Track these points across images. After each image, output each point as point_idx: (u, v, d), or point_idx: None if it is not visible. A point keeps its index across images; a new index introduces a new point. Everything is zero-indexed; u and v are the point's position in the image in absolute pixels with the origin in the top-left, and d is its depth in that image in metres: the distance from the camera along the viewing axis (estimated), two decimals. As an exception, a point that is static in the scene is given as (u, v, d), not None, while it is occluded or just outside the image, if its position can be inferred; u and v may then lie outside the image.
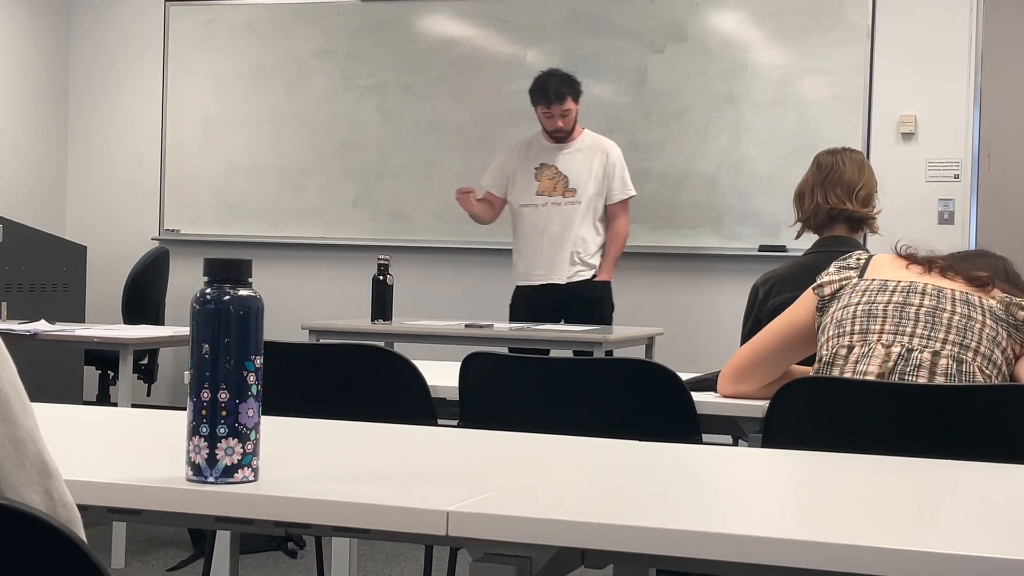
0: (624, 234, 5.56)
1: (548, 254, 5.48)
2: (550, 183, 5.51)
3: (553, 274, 5.47)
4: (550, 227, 5.48)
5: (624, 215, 5.55)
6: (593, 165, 5.50)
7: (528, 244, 5.55)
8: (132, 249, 6.92)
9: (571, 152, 5.52)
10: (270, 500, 1.36)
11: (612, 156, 5.53)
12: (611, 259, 5.52)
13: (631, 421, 2.49)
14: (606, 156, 5.52)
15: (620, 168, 5.53)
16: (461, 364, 2.58)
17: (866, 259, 2.43)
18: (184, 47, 7.27)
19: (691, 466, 1.75)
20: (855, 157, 3.29)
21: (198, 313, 1.40)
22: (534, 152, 5.57)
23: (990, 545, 1.24)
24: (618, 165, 5.52)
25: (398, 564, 4.46)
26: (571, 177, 5.49)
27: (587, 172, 5.49)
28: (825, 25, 6.20)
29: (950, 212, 6.06)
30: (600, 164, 5.50)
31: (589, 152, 5.52)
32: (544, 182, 5.52)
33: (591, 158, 5.51)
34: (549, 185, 5.51)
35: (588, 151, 5.53)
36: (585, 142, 5.55)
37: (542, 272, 5.49)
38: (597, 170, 5.49)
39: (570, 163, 5.51)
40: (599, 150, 5.53)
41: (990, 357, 2.20)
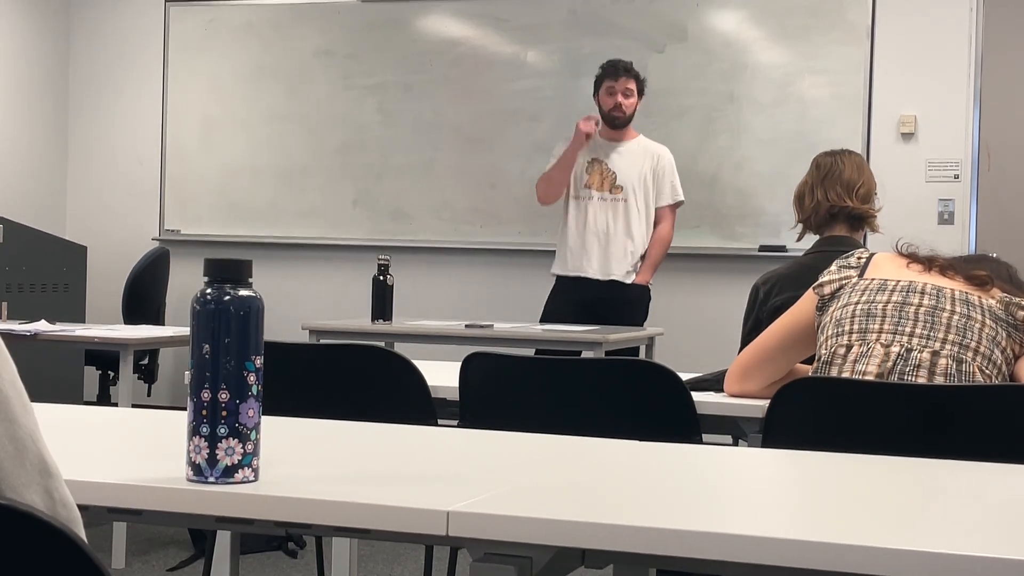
0: (667, 238, 5.59)
1: (591, 248, 5.52)
2: (599, 178, 5.55)
3: (593, 269, 5.50)
4: (595, 222, 5.52)
5: (669, 219, 5.60)
6: (643, 166, 5.55)
7: (572, 236, 5.58)
8: (132, 249, 6.92)
9: (623, 151, 5.58)
10: (270, 500, 1.36)
11: (663, 159, 5.59)
12: (651, 262, 5.55)
13: (631, 421, 2.49)
14: (657, 159, 5.58)
15: (670, 172, 5.58)
16: (461, 364, 2.58)
17: (867, 258, 2.43)
18: (184, 47, 7.27)
19: (691, 466, 1.75)
20: (853, 158, 3.30)
21: (198, 313, 1.40)
22: (591, 147, 5.61)
23: (990, 545, 1.24)
24: (668, 169, 5.57)
25: (398, 564, 4.46)
26: (619, 174, 5.54)
27: (636, 172, 5.54)
28: (825, 25, 6.20)
29: (950, 212, 6.06)
30: (650, 166, 5.55)
31: (641, 153, 5.58)
32: (593, 176, 5.57)
33: (642, 159, 5.57)
34: (597, 180, 5.55)
35: (640, 152, 5.59)
36: (639, 144, 5.62)
37: (582, 265, 5.53)
38: (646, 171, 5.55)
39: (620, 161, 5.56)
40: (650, 153, 5.60)
41: (990, 357, 2.20)
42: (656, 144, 5.65)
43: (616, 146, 5.58)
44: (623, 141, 5.59)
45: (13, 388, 1.02)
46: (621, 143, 5.59)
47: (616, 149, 5.58)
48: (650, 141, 5.66)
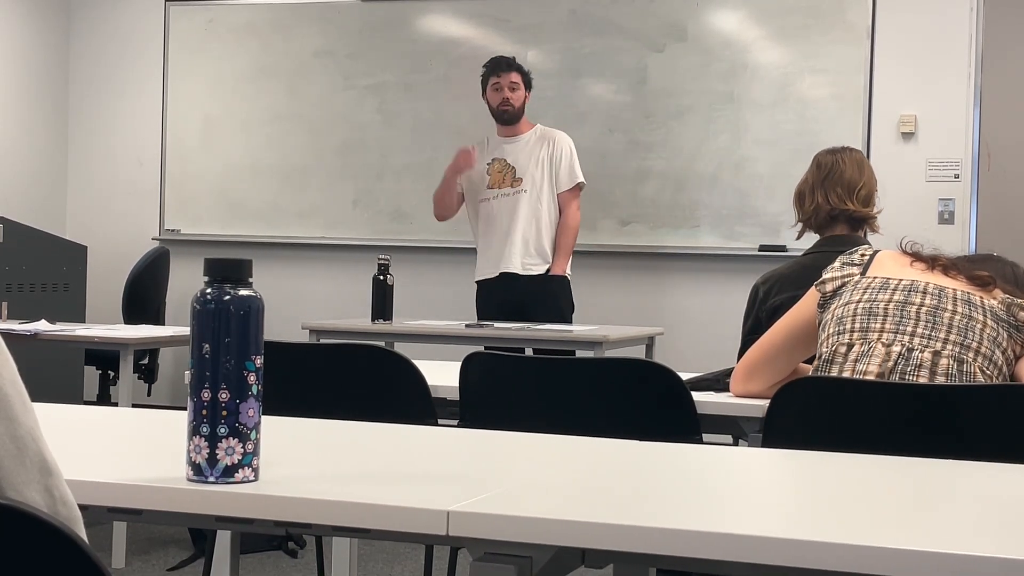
0: (574, 224, 5.55)
1: (500, 246, 5.51)
2: (499, 176, 5.56)
3: (505, 265, 5.48)
4: (500, 219, 5.52)
5: (573, 204, 5.56)
6: (540, 154, 5.55)
7: (483, 238, 5.61)
8: (132, 249, 6.92)
9: (520, 144, 5.59)
10: (270, 500, 1.36)
11: (559, 143, 5.57)
12: (563, 251, 5.51)
13: (631, 421, 2.49)
14: (552, 144, 5.56)
15: (568, 155, 5.55)
16: (461, 364, 2.58)
17: (870, 255, 2.42)
18: (184, 47, 7.27)
19: (691, 466, 1.75)
20: (855, 156, 3.29)
21: (198, 313, 1.40)
22: (487, 149, 5.64)
23: (990, 545, 1.24)
24: (565, 152, 5.55)
25: (398, 564, 4.47)
26: (518, 167, 5.55)
27: (533, 161, 5.54)
28: (825, 25, 6.20)
29: (950, 212, 6.06)
30: (547, 153, 5.54)
31: (537, 143, 5.59)
32: (494, 175, 5.58)
33: (538, 148, 5.57)
34: (499, 178, 5.56)
35: (536, 142, 5.59)
36: (534, 134, 5.62)
37: (496, 264, 5.51)
38: (543, 159, 5.54)
39: (518, 154, 5.57)
40: (546, 139, 5.59)
41: (991, 357, 2.20)
42: (553, 130, 5.64)
43: (511, 140, 5.59)
44: (519, 134, 5.59)
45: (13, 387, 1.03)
46: (517, 136, 5.59)
47: (513, 143, 5.58)
48: (547, 129, 5.65)
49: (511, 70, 5.58)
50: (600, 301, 6.24)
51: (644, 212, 6.41)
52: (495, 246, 5.53)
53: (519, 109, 5.58)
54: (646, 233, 6.41)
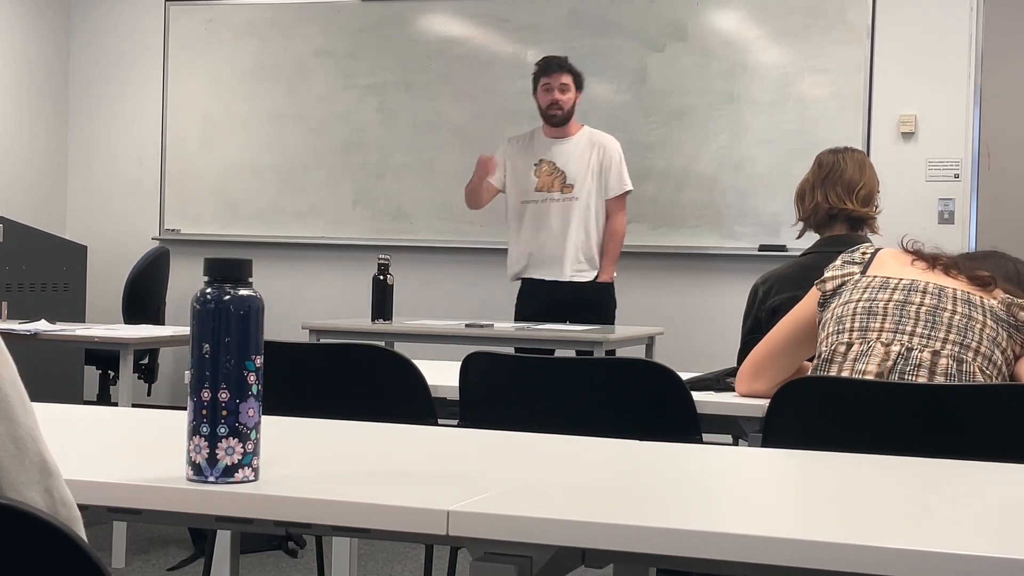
0: (621, 231, 5.53)
1: (549, 251, 5.46)
2: (548, 179, 5.50)
3: (554, 271, 5.46)
4: (549, 223, 5.47)
5: (621, 211, 5.53)
6: (591, 160, 5.48)
7: (529, 240, 5.54)
8: (132, 249, 6.92)
9: (569, 147, 5.51)
10: (270, 500, 1.36)
11: (609, 150, 5.51)
12: (610, 258, 5.50)
13: (631, 420, 2.49)
14: (603, 150, 5.50)
15: (618, 162, 5.51)
16: (461, 364, 2.58)
17: (871, 254, 2.42)
18: (184, 47, 7.27)
19: (691, 465, 1.75)
20: (856, 156, 3.29)
21: (198, 313, 1.40)
22: (534, 147, 5.56)
23: (990, 545, 1.24)
24: (615, 159, 5.50)
25: (398, 563, 4.47)
26: (569, 173, 5.48)
27: (584, 167, 5.47)
28: (825, 24, 6.20)
29: (950, 212, 6.06)
30: (597, 159, 5.49)
31: (587, 147, 5.51)
32: (543, 178, 5.51)
33: (588, 153, 5.50)
34: (547, 180, 5.50)
35: (586, 146, 5.51)
36: (584, 138, 5.54)
37: (544, 269, 5.48)
38: (594, 165, 5.48)
39: (568, 158, 5.50)
40: (597, 145, 5.52)
41: (990, 357, 2.20)
42: (603, 135, 5.57)
43: (562, 142, 5.52)
44: (568, 137, 5.52)
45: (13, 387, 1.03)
46: (566, 139, 5.52)
47: (561, 146, 5.52)
48: (596, 132, 5.58)
49: (562, 71, 5.50)
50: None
51: (644, 212, 6.40)
52: (544, 250, 5.47)
53: (569, 111, 5.50)
54: (646, 233, 6.40)
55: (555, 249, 5.45)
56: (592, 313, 5.33)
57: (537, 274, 5.50)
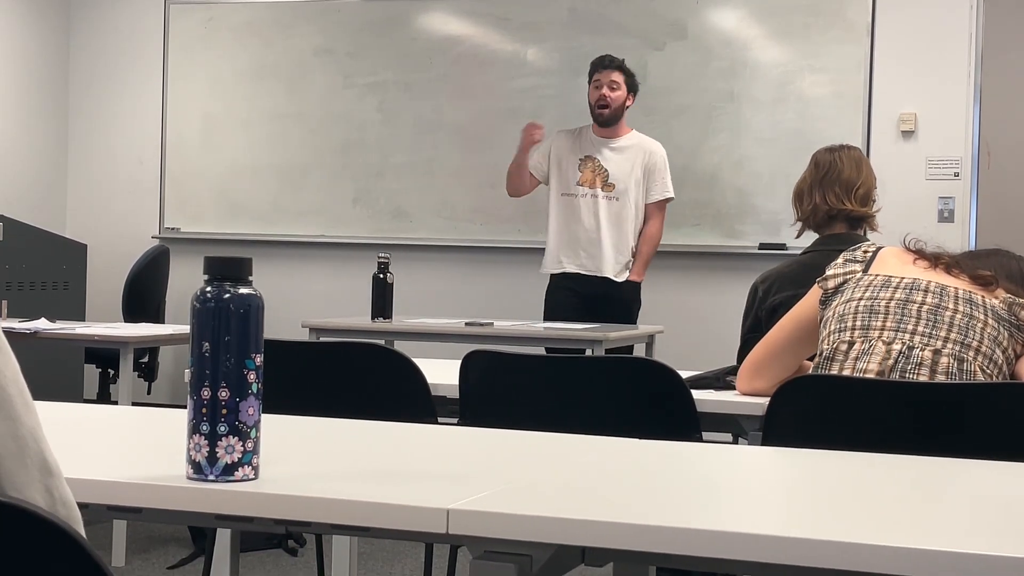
0: (657, 236, 5.56)
1: (585, 246, 5.50)
2: (591, 175, 5.52)
3: (589, 266, 5.49)
4: (587, 219, 5.50)
5: (659, 216, 5.56)
6: (635, 163, 5.51)
7: (565, 234, 5.56)
8: (132, 247, 6.92)
9: (615, 148, 5.54)
10: (270, 498, 1.36)
11: (655, 156, 5.54)
12: (642, 260, 5.53)
13: (631, 419, 2.49)
14: (649, 155, 5.53)
15: (662, 168, 5.53)
16: (461, 362, 2.58)
17: (873, 252, 2.42)
18: (184, 46, 7.27)
19: (691, 464, 1.75)
20: (853, 155, 3.28)
21: (198, 311, 1.40)
22: (581, 143, 5.58)
23: (990, 543, 1.24)
24: (659, 165, 5.53)
25: (398, 562, 4.47)
26: (612, 172, 5.51)
27: (628, 169, 5.50)
28: (825, 23, 6.20)
29: (950, 210, 6.06)
30: (641, 163, 5.51)
31: (634, 150, 5.54)
32: (586, 173, 5.53)
33: (634, 156, 5.53)
34: (590, 177, 5.52)
35: (633, 149, 5.54)
36: (631, 140, 5.57)
37: (578, 262, 5.51)
38: (638, 168, 5.51)
39: (613, 158, 5.52)
40: (643, 149, 5.55)
41: (991, 356, 2.20)
42: (650, 140, 5.60)
43: (609, 143, 5.54)
44: (616, 137, 5.55)
45: (15, 386, 1.02)
46: (614, 139, 5.54)
47: (609, 146, 5.54)
48: (644, 137, 5.61)
49: (613, 68, 5.51)
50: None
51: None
52: (580, 245, 5.50)
53: (617, 110, 5.49)
54: (646, 231, 6.40)
55: (591, 245, 5.49)
56: (621, 311, 5.39)
57: (572, 268, 5.52)
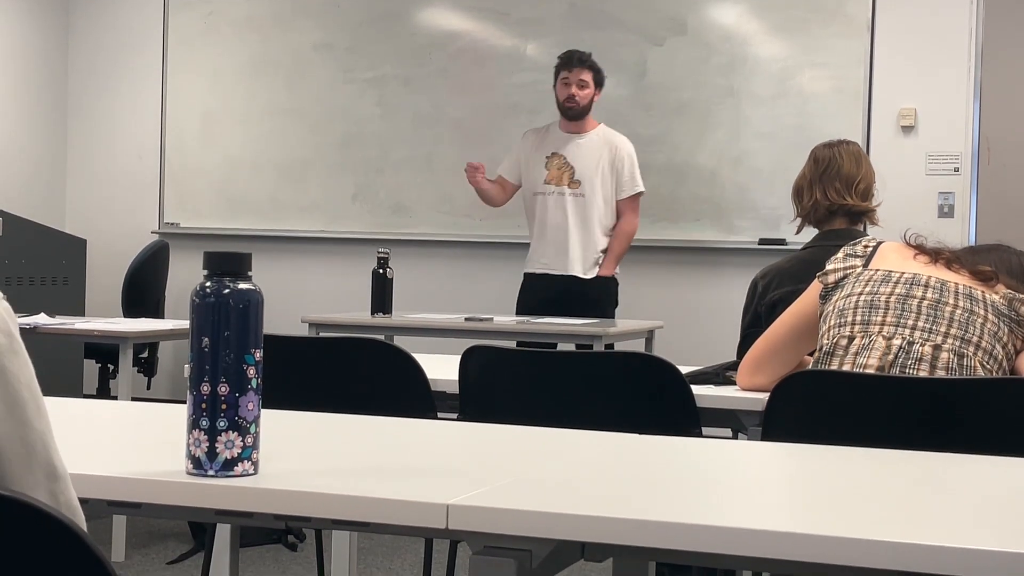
0: (630, 231, 5.55)
1: (553, 244, 5.49)
2: (557, 172, 5.52)
3: (556, 265, 5.48)
4: (555, 217, 5.49)
5: (631, 212, 5.55)
6: (601, 158, 5.50)
7: (535, 232, 5.57)
8: (132, 242, 6.91)
9: (581, 143, 5.53)
10: (270, 493, 1.36)
11: (621, 150, 5.52)
12: (613, 255, 5.51)
13: (631, 414, 2.49)
14: (615, 150, 5.52)
15: (630, 163, 5.52)
16: (461, 357, 2.58)
17: (873, 247, 2.42)
18: (184, 41, 7.26)
19: (691, 459, 1.75)
20: (852, 150, 3.28)
21: (198, 306, 1.39)
22: (548, 141, 5.59)
23: (990, 538, 1.24)
24: (627, 160, 5.52)
25: (398, 557, 4.47)
26: (577, 168, 5.50)
27: (594, 165, 5.49)
28: (825, 18, 6.19)
29: (950, 205, 6.06)
30: (608, 158, 5.50)
31: (599, 145, 5.53)
32: (552, 171, 5.53)
33: (600, 151, 5.51)
34: (556, 175, 5.52)
35: (598, 144, 5.53)
36: (597, 135, 5.56)
37: (546, 262, 5.51)
38: (604, 164, 5.49)
39: (578, 154, 5.51)
40: (609, 144, 5.53)
41: (991, 352, 2.20)
42: (616, 134, 5.59)
43: (574, 138, 5.54)
44: (582, 133, 5.54)
45: (29, 391, 1.03)
46: (580, 135, 5.54)
47: (575, 141, 5.54)
48: (610, 131, 5.60)
49: (583, 66, 5.52)
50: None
51: (643, 206, 6.38)
52: (548, 244, 5.50)
53: (585, 107, 5.52)
54: (646, 227, 6.38)
55: (558, 243, 5.46)
56: (591, 309, 5.33)
57: (540, 268, 5.51)
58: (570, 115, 5.52)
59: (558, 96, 5.55)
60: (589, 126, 5.56)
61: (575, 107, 5.49)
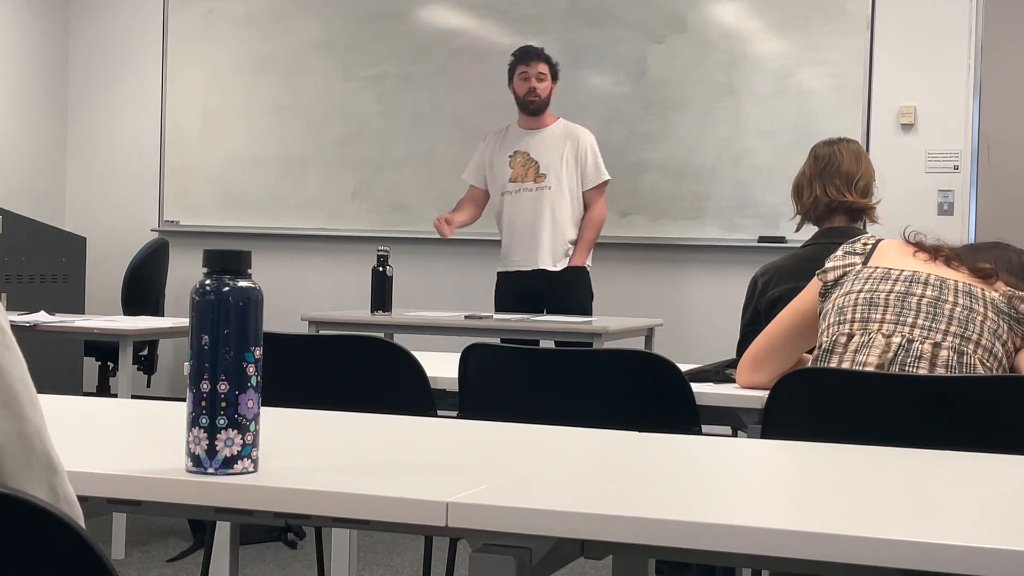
0: (599, 219, 5.57)
1: (524, 241, 5.51)
2: (522, 169, 5.55)
3: (529, 261, 5.49)
4: (524, 214, 5.52)
5: (599, 200, 5.57)
6: (564, 151, 5.53)
7: (506, 231, 5.60)
8: (132, 240, 6.91)
9: (543, 137, 5.57)
10: (269, 491, 1.36)
11: (584, 141, 5.56)
12: (584, 244, 5.52)
13: (630, 412, 2.49)
14: (577, 141, 5.55)
15: (593, 153, 5.55)
16: (461, 355, 2.58)
17: (873, 244, 2.42)
18: (183, 38, 7.26)
19: (690, 457, 1.75)
20: (852, 147, 3.29)
21: (198, 304, 1.39)
22: (509, 140, 5.63)
23: (990, 536, 1.24)
24: (590, 150, 5.55)
25: (398, 554, 4.47)
26: (541, 162, 5.53)
27: (558, 158, 5.52)
28: (825, 16, 6.19)
29: (949, 203, 6.06)
30: (571, 150, 5.53)
31: (561, 138, 5.57)
32: (516, 168, 5.57)
33: (562, 144, 5.55)
34: (521, 171, 5.55)
35: (560, 137, 5.57)
36: (558, 129, 5.60)
37: (518, 259, 5.52)
38: (568, 156, 5.53)
39: (541, 148, 5.55)
40: (570, 136, 5.57)
41: (991, 349, 2.20)
42: (576, 126, 5.63)
43: (535, 133, 5.57)
44: (543, 127, 5.58)
45: (23, 385, 1.03)
46: (541, 130, 5.58)
47: (536, 136, 5.57)
48: (570, 124, 5.64)
49: (539, 60, 5.56)
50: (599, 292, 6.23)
51: (643, 204, 6.40)
52: (519, 241, 5.51)
53: (545, 100, 5.55)
54: (645, 225, 6.40)
55: (529, 239, 5.48)
56: (564, 299, 5.36)
57: (512, 266, 5.54)
58: (531, 109, 5.55)
59: (517, 92, 5.59)
60: (549, 120, 5.61)
61: (536, 100, 5.53)
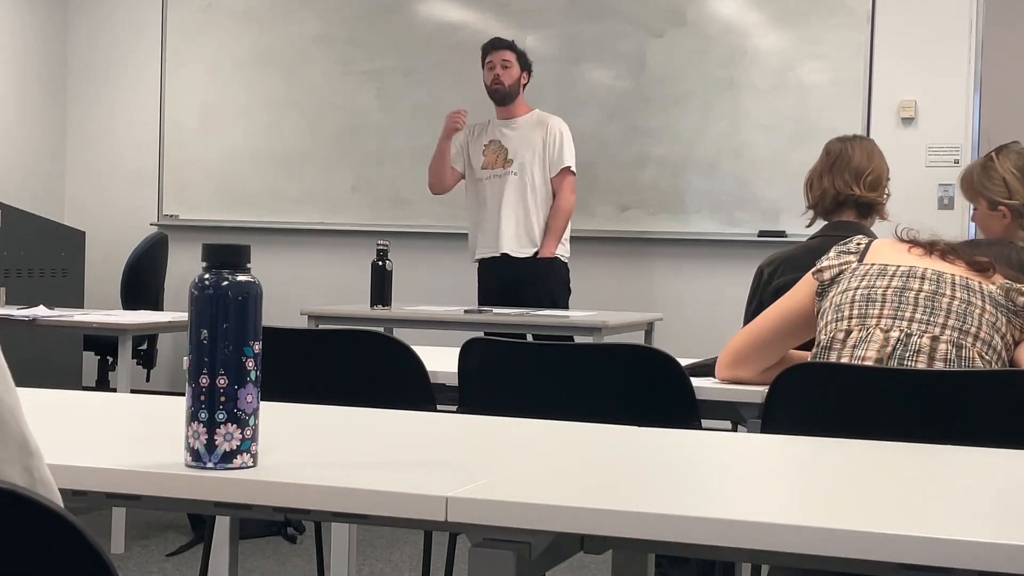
0: (566, 207, 5.59)
1: (491, 227, 5.56)
2: (493, 157, 5.63)
3: (498, 246, 5.53)
4: (491, 200, 5.59)
5: (566, 188, 5.60)
6: (533, 138, 5.58)
7: (474, 218, 5.67)
8: (131, 234, 6.91)
9: (515, 126, 5.64)
10: (269, 486, 1.36)
11: (553, 128, 5.61)
12: (552, 233, 5.55)
13: (630, 407, 2.49)
14: (547, 128, 5.60)
15: (561, 140, 5.59)
16: (460, 349, 2.58)
17: (866, 244, 2.42)
18: (183, 32, 7.25)
19: (690, 452, 1.75)
20: (864, 144, 3.32)
21: (197, 299, 1.39)
22: (486, 131, 5.70)
23: (989, 530, 1.24)
24: (559, 137, 5.58)
25: (397, 549, 4.47)
26: (510, 149, 5.60)
27: (527, 145, 5.58)
28: (825, 10, 6.19)
29: (950, 197, 6.06)
30: (540, 137, 5.58)
31: (532, 127, 5.63)
32: (488, 156, 5.64)
33: (533, 132, 5.61)
34: (492, 159, 5.63)
35: (532, 126, 5.64)
36: (532, 118, 5.67)
37: (490, 245, 5.56)
38: (537, 143, 5.58)
39: (512, 136, 5.63)
40: (542, 124, 5.63)
41: (989, 342, 2.20)
42: (548, 115, 5.68)
43: (509, 123, 5.65)
44: (516, 117, 5.65)
45: None
46: (514, 119, 5.65)
47: (509, 125, 5.64)
48: (544, 113, 5.69)
49: (503, 48, 5.64)
50: (599, 287, 6.25)
51: (643, 198, 6.40)
52: (486, 226, 5.59)
53: (511, 87, 5.60)
54: (645, 219, 6.40)
55: (493, 224, 5.53)
56: (534, 290, 5.38)
57: (482, 252, 5.58)
58: (497, 97, 5.62)
59: (485, 82, 5.67)
60: (522, 110, 5.67)
61: (501, 87, 5.59)
